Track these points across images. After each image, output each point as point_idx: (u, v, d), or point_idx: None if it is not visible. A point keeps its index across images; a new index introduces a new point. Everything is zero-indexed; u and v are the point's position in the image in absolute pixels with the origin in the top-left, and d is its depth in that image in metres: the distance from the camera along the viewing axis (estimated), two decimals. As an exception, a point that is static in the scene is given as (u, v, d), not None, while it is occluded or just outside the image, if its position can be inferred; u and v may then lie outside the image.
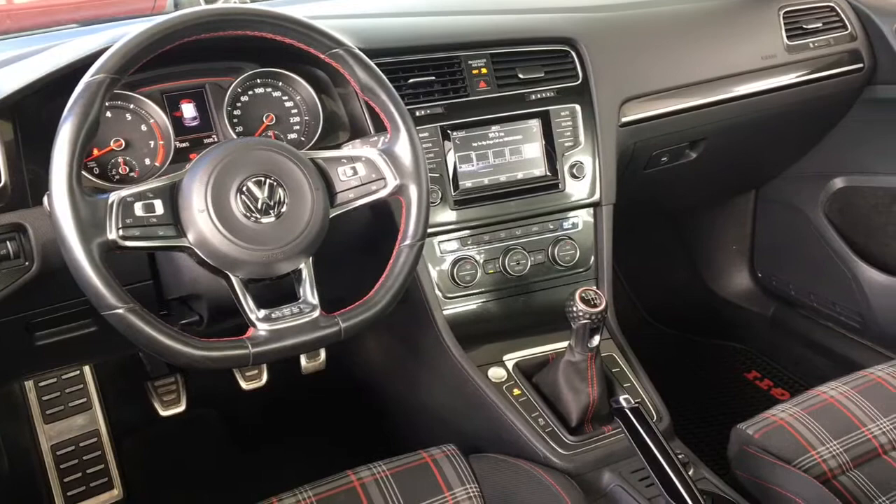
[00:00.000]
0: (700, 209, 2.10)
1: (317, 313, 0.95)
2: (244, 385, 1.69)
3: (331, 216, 0.99)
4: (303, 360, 1.71)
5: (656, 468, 0.96)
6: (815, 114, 1.67)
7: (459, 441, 1.13)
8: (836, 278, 1.78)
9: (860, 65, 1.59)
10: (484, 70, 1.29)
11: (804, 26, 1.56)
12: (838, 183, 1.76)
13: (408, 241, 1.02)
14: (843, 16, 1.60)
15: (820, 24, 1.57)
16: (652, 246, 2.24)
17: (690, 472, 1.13)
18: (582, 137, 1.33)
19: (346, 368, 1.75)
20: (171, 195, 0.91)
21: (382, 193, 1.01)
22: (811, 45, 1.55)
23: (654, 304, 2.20)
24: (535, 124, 1.31)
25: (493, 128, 1.29)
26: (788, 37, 1.54)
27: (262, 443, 1.81)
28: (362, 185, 1.00)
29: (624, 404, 1.02)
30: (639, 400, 1.23)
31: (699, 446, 1.36)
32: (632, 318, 2.17)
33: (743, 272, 2.09)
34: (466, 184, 1.27)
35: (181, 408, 1.67)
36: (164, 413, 1.66)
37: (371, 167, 1.01)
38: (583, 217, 1.36)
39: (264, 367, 1.70)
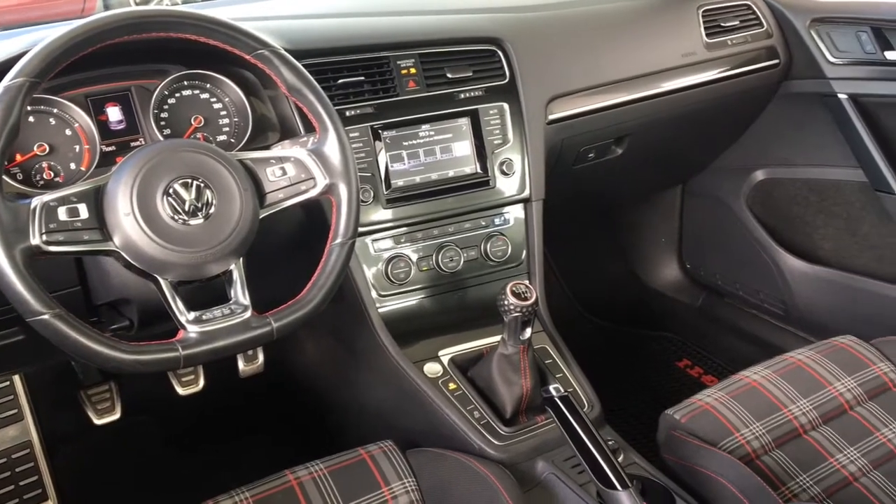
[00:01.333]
0: (630, 204, 2.15)
1: (248, 314, 0.95)
2: (180, 391, 1.67)
3: (261, 217, 0.99)
4: (240, 363, 1.70)
5: (586, 455, 0.99)
6: (736, 109, 1.73)
7: (398, 437, 1.14)
8: (759, 267, 1.85)
9: (776, 61, 1.65)
10: (413, 70, 1.30)
11: (722, 24, 1.61)
12: (759, 175, 1.83)
13: (339, 240, 1.03)
14: (759, 13, 1.66)
15: (737, 22, 1.63)
16: (586, 241, 2.29)
17: (620, 458, 1.17)
18: (511, 135, 1.36)
19: (284, 371, 1.75)
20: (96, 199, 0.90)
21: (312, 193, 1.02)
22: (729, 42, 1.61)
23: (588, 297, 2.25)
24: (464, 123, 1.33)
25: (424, 127, 1.30)
26: (707, 34, 1.59)
27: (201, 448, 1.79)
28: (291, 185, 1.01)
29: (554, 393, 1.04)
30: (570, 389, 1.26)
31: (631, 433, 1.39)
32: (567, 312, 2.22)
33: (672, 264, 2.15)
34: (398, 182, 1.29)
35: (116, 415, 1.64)
36: (98, 421, 1.63)
37: (300, 167, 1.02)
38: (514, 213, 1.39)
39: (200, 372, 1.69)
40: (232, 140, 1.20)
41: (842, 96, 1.57)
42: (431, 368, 1.26)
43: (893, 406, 1.25)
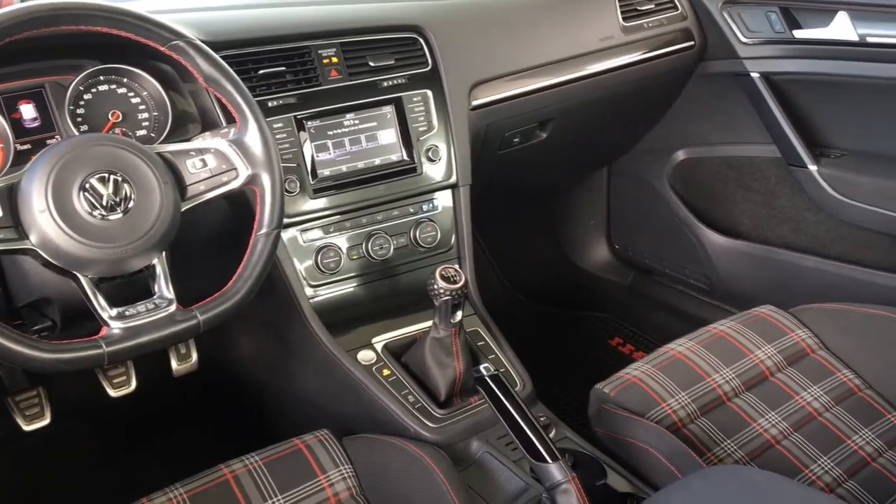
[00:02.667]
0: (558, 187, 2.19)
1: (173, 308, 0.95)
2: (112, 392, 1.63)
3: (182, 209, 0.98)
4: (173, 362, 1.67)
5: (517, 431, 1.01)
6: (655, 91, 1.78)
7: (334, 425, 1.15)
8: (684, 244, 1.91)
9: (692, 42, 1.70)
10: (335, 59, 1.30)
11: (638, 8, 1.65)
12: (680, 155, 1.88)
13: (264, 230, 1.03)
14: (673, -3, 1.71)
15: (653, 6, 1.67)
16: (517, 226, 2.32)
17: (552, 433, 1.21)
18: (435, 122, 1.37)
19: (219, 368, 1.73)
20: (10, 197, 0.88)
21: (234, 184, 1.01)
22: (645, 25, 1.64)
23: (522, 281, 2.28)
24: (388, 111, 1.34)
25: (348, 115, 1.30)
26: (624, 18, 1.63)
27: (136, 449, 1.76)
28: (213, 176, 1.00)
29: (484, 373, 1.06)
30: (502, 369, 1.29)
31: (566, 410, 1.43)
32: (501, 296, 2.25)
33: (602, 245, 2.20)
34: (324, 172, 1.29)
35: (46, 421, 1.59)
36: (27, 428, 1.59)
37: (221, 158, 1.01)
38: (442, 199, 1.40)
39: (132, 372, 1.65)
40: (152, 134, 1.18)
41: (754, 75, 1.62)
42: (365, 356, 1.27)
43: (811, 371, 1.31)
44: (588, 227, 2.19)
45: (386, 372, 1.25)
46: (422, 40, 1.38)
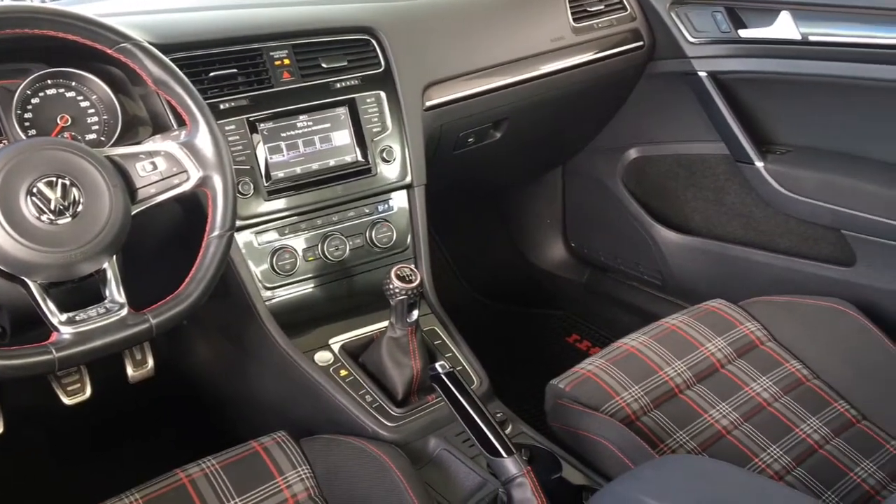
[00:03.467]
0: (514, 187, 2.21)
1: (125, 311, 0.94)
2: (66, 400, 1.61)
3: (133, 213, 0.97)
4: (129, 368, 1.65)
5: (472, 426, 1.02)
6: (606, 90, 1.80)
7: (293, 427, 1.15)
8: (637, 241, 1.94)
9: (641, 43, 1.73)
10: (287, 61, 1.30)
11: (588, 9, 1.68)
12: (632, 154, 1.91)
13: (216, 232, 1.02)
14: (622, -3, 1.74)
15: (602, 6, 1.69)
16: (475, 226, 2.33)
17: (508, 429, 1.22)
18: (389, 123, 1.37)
19: (177, 372, 1.71)
20: None
21: (186, 187, 1.01)
22: (596, 26, 1.67)
23: (479, 279, 2.30)
24: (342, 112, 1.34)
25: (301, 117, 1.30)
26: (574, 19, 1.65)
27: (92, 457, 1.74)
28: (164, 179, 1.00)
29: (440, 370, 1.07)
30: (459, 367, 1.30)
31: (523, 406, 1.44)
32: (460, 296, 2.26)
33: (558, 243, 2.23)
34: (278, 174, 1.29)
35: (-2, 430, 1.57)
36: (-22, 438, 1.56)
37: (172, 161, 1.00)
38: (397, 199, 1.41)
39: (87, 380, 1.63)
40: (102, 138, 1.17)
41: (702, 74, 1.66)
42: (322, 357, 1.28)
43: (761, 362, 1.34)
44: (544, 225, 2.22)
45: (343, 372, 1.25)
46: (374, 42, 1.38)
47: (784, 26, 1.51)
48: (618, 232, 1.99)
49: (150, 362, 1.67)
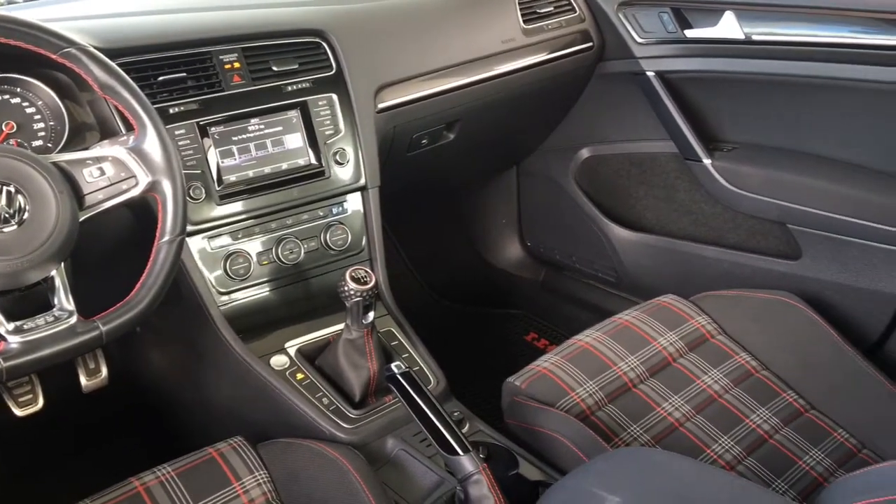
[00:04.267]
0: (470, 187, 2.22)
1: (74, 319, 0.93)
2: (18, 412, 1.58)
3: (81, 219, 0.96)
4: (82, 378, 1.62)
5: (429, 426, 1.03)
6: (557, 91, 1.82)
7: (250, 432, 1.14)
8: (591, 239, 1.96)
9: (590, 44, 1.75)
10: (237, 64, 1.29)
11: (538, 10, 1.69)
12: (585, 153, 1.94)
13: (166, 238, 1.02)
14: (571, -1, 1.76)
15: (552, 8, 1.71)
16: (432, 227, 2.34)
17: (465, 428, 1.23)
18: (342, 125, 1.38)
19: (132, 381, 1.69)
20: None
21: (134, 192, 1.00)
22: (546, 27, 1.69)
23: (437, 280, 2.31)
24: (294, 115, 1.34)
25: (253, 121, 1.30)
26: (524, 21, 1.67)
27: (47, 468, 1.70)
28: (112, 185, 0.98)
29: (395, 370, 1.07)
30: (416, 368, 1.31)
31: (481, 405, 1.45)
32: (418, 298, 2.27)
33: (514, 243, 2.24)
34: (230, 178, 1.28)
35: (-54, 444, 1.54)
36: (-72, 452, 1.52)
37: (119, 166, 0.99)
38: (351, 202, 1.41)
39: (39, 390, 1.60)
40: (49, 144, 1.15)
41: (650, 74, 1.69)
42: (278, 361, 1.27)
43: (711, 355, 1.37)
44: (500, 225, 2.23)
45: (300, 376, 1.25)
46: (325, 45, 1.38)
47: (728, 26, 1.54)
48: (572, 230, 2.02)
49: (104, 371, 1.65)
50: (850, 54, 1.41)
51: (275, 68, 1.32)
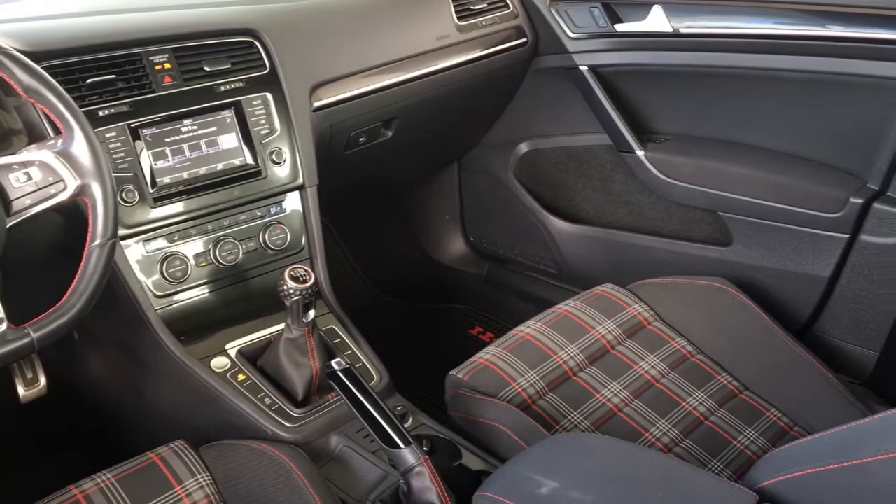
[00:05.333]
0: (412, 184, 2.23)
1: (3, 326, 0.91)
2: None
3: (8, 226, 0.95)
4: (20, 388, 1.59)
5: (370, 421, 1.03)
6: (494, 86, 1.84)
7: (192, 436, 1.14)
8: (532, 233, 1.99)
9: (524, 39, 1.77)
10: (167, 65, 1.28)
11: (471, 7, 1.71)
12: (524, 148, 1.96)
13: (97, 241, 1.00)
14: (504, -5, 1.78)
15: (485, 5, 1.73)
16: (375, 223, 2.35)
17: (409, 422, 1.24)
18: (277, 124, 1.37)
19: (71, 389, 1.66)
20: None
21: (63, 196, 0.98)
22: (480, 24, 1.70)
23: (382, 277, 2.31)
24: (228, 115, 1.33)
25: (186, 122, 1.29)
26: (458, 17, 1.68)
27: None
28: (39, 189, 0.97)
29: (336, 367, 1.08)
30: (359, 364, 1.31)
31: (427, 400, 1.47)
32: (363, 295, 2.27)
33: (458, 238, 2.26)
34: (164, 180, 1.26)
35: None
36: None
37: (47, 170, 0.98)
38: (290, 201, 1.41)
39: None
40: (-26, 151, 1.13)
41: (583, 68, 1.72)
42: (219, 363, 1.27)
43: (648, 342, 1.40)
44: (443, 221, 2.25)
45: (241, 377, 1.25)
46: (258, 44, 1.38)
47: (657, 20, 1.58)
48: (514, 224, 2.04)
49: (43, 380, 1.62)
50: (774, 45, 1.46)
51: (207, 68, 1.31)
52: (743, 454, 1.23)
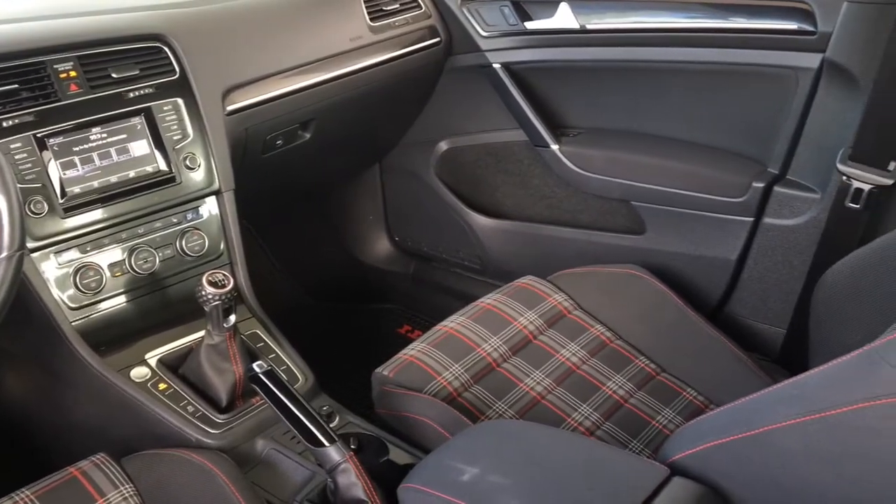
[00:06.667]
0: (335, 185, 2.23)
1: None
2: None
3: None
4: (-73, 410, 1.54)
5: (294, 421, 1.04)
6: (411, 86, 1.86)
7: (116, 448, 1.12)
8: (455, 230, 2.01)
9: (438, 39, 1.79)
10: (73, 73, 1.26)
11: (384, 8, 1.72)
12: (443, 146, 1.98)
13: (3, 254, 0.98)
14: (415, -4, 1.80)
15: (398, 5, 1.74)
16: (300, 226, 2.33)
17: (335, 421, 1.25)
18: (190, 129, 1.36)
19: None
20: None
21: (-35, 209, 0.96)
22: (393, 24, 1.72)
23: (309, 280, 2.30)
24: (138, 121, 1.31)
25: (94, 130, 1.27)
26: (371, 18, 1.69)
27: None
28: (-61, 203, 0.94)
29: (257, 370, 1.08)
30: (283, 367, 1.31)
31: (356, 399, 1.47)
32: (289, 297, 2.25)
33: (383, 239, 2.27)
34: (75, 189, 1.24)
35: None
36: None
37: (-54, 184, 0.95)
38: (207, 206, 1.40)
39: None
40: None
41: (496, 66, 1.75)
42: (139, 373, 1.25)
43: (569, 330, 1.44)
44: (368, 222, 2.25)
45: (162, 386, 1.23)
46: (167, 49, 1.36)
47: (564, 17, 1.62)
48: (437, 222, 2.06)
49: (-49, 402, 1.57)
50: (676, 38, 1.52)
51: (114, 75, 1.29)
52: (661, 433, 1.27)
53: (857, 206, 1.36)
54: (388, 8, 1.72)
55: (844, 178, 1.36)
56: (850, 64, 1.35)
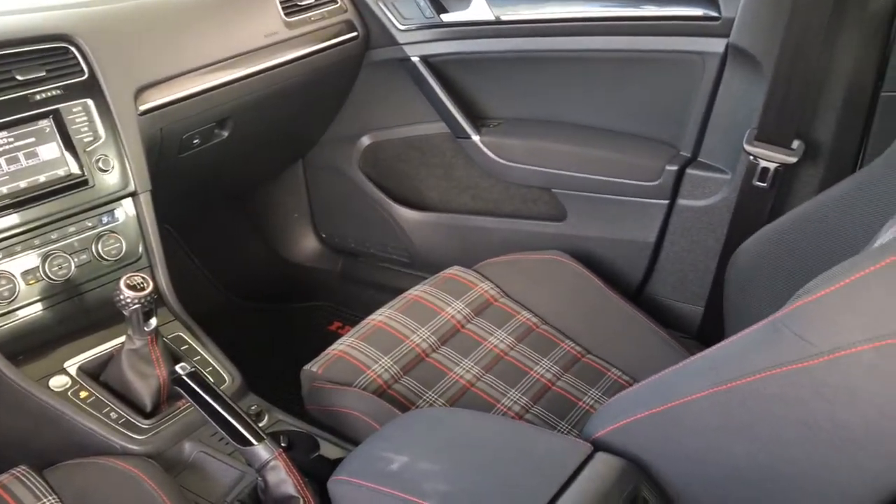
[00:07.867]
0: (259, 184, 2.20)
1: None
2: None
3: None
4: None
5: (220, 422, 1.03)
6: (330, 82, 1.85)
7: (38, 461, 1.08)
8: (382, 224, 2.01)
9: (355, 33, 1.79)
10: (-26, 76, 1.22)
11: (298, 3, 1.71)
12: (366, 141, 1.98)
13: None
14: (330, -11, 1.79)
15: (312, 0, 1.74)
16: (224, 227, 2.30)
17: (265, 420, 1.24)
18: (101, 131, 1.33)
19: None
20: None
21: None
22: (308, 19, 1.70)
23: (235, 281, 2.27)
24: (46, 124, 1.27)
25: (0, 134, 1.23)
26: (286, 14, 1.67)
27: None
28: None
29: (180, 372, 1.06)
30: (209, 368, 1.29)
31: (287, 398, 1.46)
32: (215, 299, 2.22)
33: (309, 236, 2.25)
34: (-19, 197, 1.20)
35: None
36: None
37: None
38: (124, 209, 1.36)
39: None
40: None
41: (414, 59, 1.76)
42: (58, 381, 1.21)
43: (496, 317, 1.46)
44: (293, 220, 2.23)
45: (83, 394, 1.20)
46: (74, 49, 1.32)
47: (479, 9, 1.64)
48: (363, 217, 2.06)
49: None
50: (587, 27, 1.55)
51: (19, 77, 1.25)
52: (588, 413, 1.30)
53: (765, 184, 1.41)
54: (304, 3, 1.71)
55: (752, 157, 1.41)
56: (752, 48, 1.40)
